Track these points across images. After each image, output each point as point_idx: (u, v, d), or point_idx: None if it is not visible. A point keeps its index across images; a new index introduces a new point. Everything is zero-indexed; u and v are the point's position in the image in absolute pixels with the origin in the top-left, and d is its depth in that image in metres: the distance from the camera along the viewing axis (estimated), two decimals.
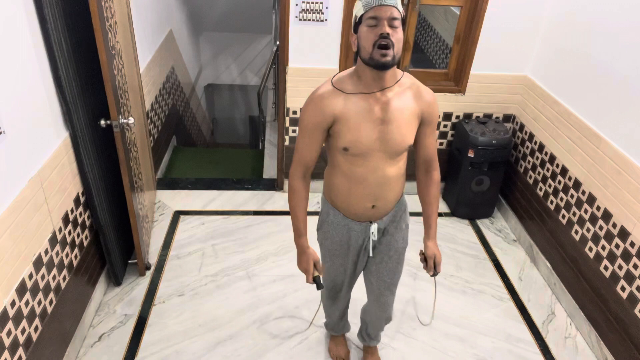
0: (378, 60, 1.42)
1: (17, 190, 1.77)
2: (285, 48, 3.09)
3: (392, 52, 1.41)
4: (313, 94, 1.58)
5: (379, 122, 1.55)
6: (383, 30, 1.40)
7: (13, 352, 1.74)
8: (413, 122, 1.60)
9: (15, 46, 1.77)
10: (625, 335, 2.28)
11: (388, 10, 1.41)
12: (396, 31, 1.42)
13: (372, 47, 1.42)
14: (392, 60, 1.43)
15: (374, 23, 1.41)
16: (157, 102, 3.83)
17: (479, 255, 3.14)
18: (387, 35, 1.40)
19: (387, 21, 1.41)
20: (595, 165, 2.53)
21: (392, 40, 1.40)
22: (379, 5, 1.41)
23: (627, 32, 2.34)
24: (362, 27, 1.45)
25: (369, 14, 1.42)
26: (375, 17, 1.40)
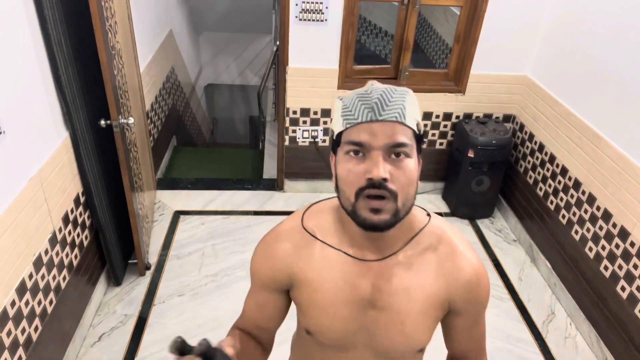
0: (365, 219, 0.81)
1: (17, 190, 1.77)
2: (285, 48, 3.09)
3: (394, 205, 0.80)
4: (272, 230, 1.02)
5: (366, 305, 0.93)
6: (374, 171, 0.78)
7: (13, 352, 1.74)
8: (430, 313, 0.94)
9: (16, 46, 1.77)
10: (625, 335, 2.28)
11: (385, 130, 0.79)
12: (402, 165, 0.80)
13: (355, 196, 0.81)
14: (392, 219, 0.82)
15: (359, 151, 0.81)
16: (157, 102, 3.83)
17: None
18: (382, 183, 0.78)
19: (384, 151, 0.79)
20: (595, 165, 2.53)
21: (391, 189, 0.79)
22: (368, 121, 0.80)
23: (627, 32, 2.34)
24: (340, 152, 0.84)
25: (352, 134, 0.81)
26: (362, 143, 0.80)
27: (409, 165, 0.81)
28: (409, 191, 0.82)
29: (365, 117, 0.80)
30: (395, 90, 0.83)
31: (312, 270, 0.95)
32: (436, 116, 3.40)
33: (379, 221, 0.81)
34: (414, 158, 0.83)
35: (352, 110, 0.82)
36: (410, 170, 0.81)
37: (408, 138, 0.81)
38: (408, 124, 0.81)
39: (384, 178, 0.78)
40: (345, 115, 0.83)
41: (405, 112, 0.81)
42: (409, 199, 0.83)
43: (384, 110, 0.80)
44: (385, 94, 0.81)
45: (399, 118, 0.80)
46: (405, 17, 3.09)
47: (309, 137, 3.41)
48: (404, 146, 0.80)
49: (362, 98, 0.82)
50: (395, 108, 0.80)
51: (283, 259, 0.96)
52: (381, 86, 0.84)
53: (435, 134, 3.47)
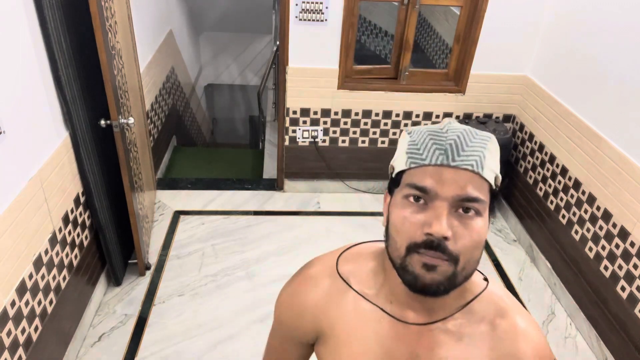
0: (417, 276, 0.69)
1: (17, 190, 1.77)
2: (285, 48, 3.09)
3: (452, 268, 0.68)
4: (302, 271, 0.90)
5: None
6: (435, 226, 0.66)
7: (13, 352, 1.74)
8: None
9: (15, 46, 1.77)
10: (625, 335, 2.28)
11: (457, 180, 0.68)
12: (471, 224, 0.68)
13: (406, 249, 0.70)
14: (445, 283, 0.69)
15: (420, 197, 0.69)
16: (157, 102, 3.83)
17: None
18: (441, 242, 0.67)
19: (451, 203, 0.68)
20: (595, 165, 2.53)
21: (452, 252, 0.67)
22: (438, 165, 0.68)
23: (627, 32, 2.34)
24: (398, 195, 0.73)
25: (416, 177, 0.69)
26: (426, 189, 0.68)
27: (478, 225, 0.68)
28: (473, 255, 0.69)
29: (436, 160, 0.68)
30: (477, 135, 0.71)
31: (342, 324, 0.81)
32: (436, 116, 3.40)
33: (431, 282, 0.68)
34: (485, 217, 0.70)
35: (420, 149, 0.70)
36: (479, 231, 0.68)
37: (483, 193, 0.69)
38: (485, 176, 0.69)
39: (445, 236, 0.66)
40: (411, 153, 0.70)
41: (484, 162, 0.69)
42: (471, 264, 0.70)
43: (459, 156, 0.68)
44: (463, 136, 0.69)
45: (476, 167, 0.68)
46: (405, 17, 3.09)
47: (309, 137, 3.41)
48: (476, 201, 0.68)
49: (435, 136, 0.70)
50: (474, 155, 0.68)
51: (310, 309, 0.84)
52: (459, 126, 0.72)
53: None
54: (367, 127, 3.41)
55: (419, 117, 3.39)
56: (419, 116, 3.39)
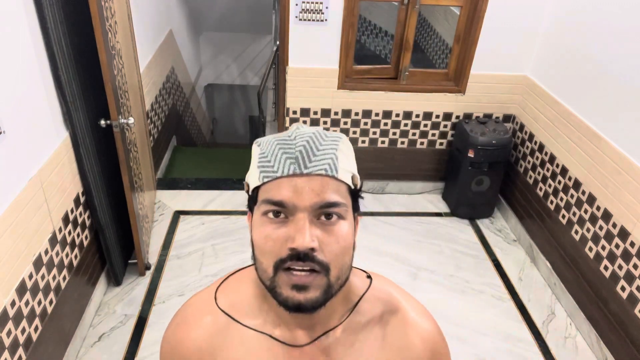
0: (287, 298, 0.66)
1: (17, 190, 1.77)
2: (285, 48, 3.09)
3: (325, 280, 0.66)
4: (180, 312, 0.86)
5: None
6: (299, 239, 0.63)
7: (13, 352, 1.74)
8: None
9: (15, 46, 1.77)
10: (625, 335, 2.28)
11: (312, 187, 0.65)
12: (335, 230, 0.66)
13: (274, 269, 0.66)
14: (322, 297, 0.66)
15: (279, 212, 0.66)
16: (157, 102, 3.83)
17: (479, 255, 3.14)
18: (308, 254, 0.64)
19: (311, 213, 0.65)
20: (595, 165, 2.53)
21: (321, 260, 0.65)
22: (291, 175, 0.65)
23: (627, 32, 2.34)
24: (256, 213, 0.69)
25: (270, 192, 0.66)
26: (283, 203, 0.65)
27: (343, 230, 0.66)
28: (344, 261, 0.67)
29: (288, 170, 0.65)
30: (326, 137, 0.68)
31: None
32: (436, 116, 3.40)
33: (305, 301, 0.65)
34: (349, 219, 0.68)
35: (271, 161, 0.66)
36: (344, 236, 0.66)
37: (341, 196, 0.66)
38: (341, 177, 0.66)
39: (311, 248, 0.63)
40: (262, 166, 0.67)
41: (337, 164, 0.66)
42: (343, 271, 0.68)
43: (311, 162, 0.65)
44: (312, 141, 0.67)
45: (329, 171, 0.65)
46: (405, 17, 3.09)
47: None
48: (336, 206, 0.65)
49: (284, 145, 0.67)
50: (325, 159, 0.66)
51: (193, 352, 0.78)
52: (308, 130, 0.69)
53: (435, 134, 3.47)
54: (367, 127, 3.41)
55: (419, 117, 3.39)
56: (419, 116, 3.39)
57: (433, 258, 3.06)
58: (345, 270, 0.68)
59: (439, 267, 2.99)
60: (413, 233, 3.26)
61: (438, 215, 3.49)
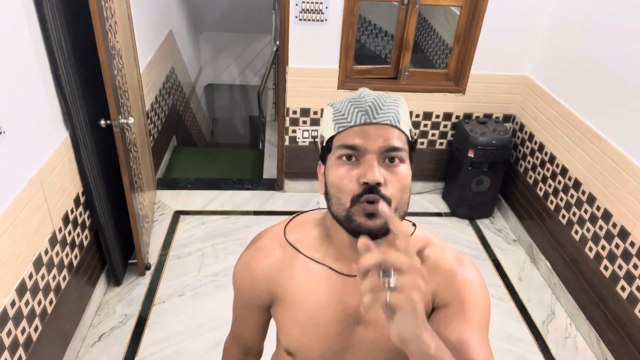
0: (360, 224, 0.77)
1: (17, 190, 1.77)
2: (285, 48, 3.09)
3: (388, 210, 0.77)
4: (253, 243, 0.97)
5: (352, 322, 0.88)
6: (369, 175, 0.75)
7: (13, 352, 1.74)
8: None
9: (15, 46, 1.77)
10: (625, 335, 2.28)
11: (380, 134, 0.78)
12: (397, 171, 0.78)
13: (351, 202, 0.77)
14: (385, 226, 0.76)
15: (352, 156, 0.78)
16: (157, 102, 3.83)
17: (479, 255, 3.14)
18: (376, 188, 0.76)
19: (378, 155, 0.77)
20: (595, 165, 2.53)
21: (385, 195, 0.76)
22: (362, 124, 0.78)
23: (627, 32, 2.34)
24: (331, 158, 0.81)
25: (345, 138, 0.79)
26: (355, 147, 0.78)
27: (403, 171, 0.79)
28: (403, 197, 0.80)
29: (359, 120, 0.79)
30: (388, 96, 0.83)
31: (294, 287, 0.90)
32: (436, 116, 3.40)
33: (374, 226, 0.76)
34: (408, 164, 0.81)
35: (345, 114, 0.80)
36: (404, 176, 0.79)
37: (402, 143, 0.80)
38: (402, 128, 0.80)
39: (378, 182, 0.76)
40: (337, 120, 0.81)
41: (399, 117, 0.80)
42: (402, 205, 0.80)
43: (378, 114, 0.79)
44: (378, 99, 0.81)
45: (393, 122, 0.79)
46: (405, 17, 3.09)
47: (309, 137, 3.41)
48: (398, 150, 0.78)
49: (355, 102, 0.81)
50: (390, 112, 0.80)
51: (263, 276, 0.92)
52: (373, 92, 0.83)
53: (435, 134, 3.47)
54: None
55: (419, 117, 3.40)
56: (419, 116, 3.39)
57: None
58: (403, 204, 0.80)
59: None
60: None
61: (438, 215, 3.49)
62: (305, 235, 0.92)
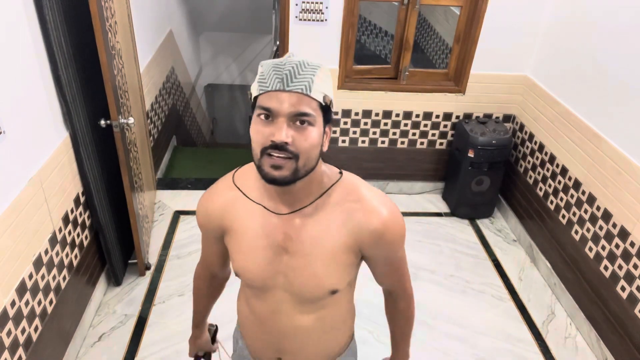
0: (267, 173, 0.92)
1: (17, 190, 1.77)
2: (285, 48, 3.09)
3: (294, 164, 0.91)
4: (209, 189, 1.18)
5: (281, 251, 1.07)
6: (277, 135, 0.88)
7: (13, 352, 1.74)
8: (340, 258, 1.05)
9: (15, 46, 1.77)
10: (625, 335, 2.28)
11: (291, 100, 0.89)
12: (305, 132, 0.90)
13: (260, 152, 0.91)
14: (290, 176, 0.92)
15: (268, 115, 0.91)
16: (157, 102, 3.83)
17: (479, 255, 3.14)
18: (283, 145, 0.89)
19: (289, 118, 0.89)
20: (595, 165, 2.53)
21: (292, 150, 0.90)
22: (277, 90, 0.89)
23: (628, 32, 2.34)
24: (254, 115, 0.94)
25: (262, 101, 0.91)
26: (270, 109, 0.89)
27: (312, 133, 0.91)
28: (310, 154, 0.93)
29: (275, 87, 0.90)
30: (308, 65, 0.92)
31: (238, 221, 1.09)
32: (436, 116, 3.40)
33: (278, 176, 0.92)
34: (318, 127, 0.93)
35: (266, 79, 0.91)
36: (312, 137, 0.91)
37: (312, 109, 0.91)
38: (313, 96, 0.90)
39: (285, 142, 0.89)
40: (260, 82, 0.92)
41: (312, 86, 0.90)
42: (309, 160, 0.93)
43: (292, 82, 0.89)
44: (296, 68, 0.91)
45: (304, 90, 0.90)
46: (405, 17, 3.09)
47: None
48: (306, 115, 0.90)
49: (276, 68, 0.91)
50: (303, 81, 0.90)
51: (215, 213, 1.12)
52: (296, 59, 0.92)
53: (435, 134, 3.47)
54: (367, 127, 3.41)
55: (419, 117, 3.40)
56: (419, 116, 3.39)
57: (433, 258, 3.07)
58: (311, 160, 0.94)
59: (439, 267, 2.99)
60: (413, 233, 3.26)
61: (438, 215, 3.49)
62: (248, 180, 1.09)
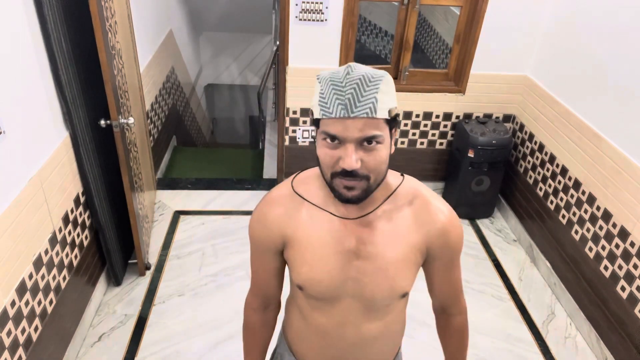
0: (340, 194, 0.93)
1: (17, 190, 1.77)
2: (285, 48, 3.09)
3: (366, 184, 0.92)
4: (265, 197, 1.10)
5: (352, 256, 1.03)
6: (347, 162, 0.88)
7: (13, 352, 1.74)
8: (410, 259, 1.04)
9: (16, 46, 1.77)
10: (625, 335, 2.28)
11: (356, 125, 0.87)
12: (374, 152, 0.89)
13: (330, 176, 0.93)
14: (363, 194, 0.93)
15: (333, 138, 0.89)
16: (157, 102, 3.83)
17: (479, 255, 3.14)
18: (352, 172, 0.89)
19: (356, 143, 0.88)
20: (595, 165, 2.53)
21: (363, 174, 0.90)
22: (341, 117, 0.87)
23: (627, 32, 2.34)
24: (318, 136, 0.93)
25: (326, 126, 0.89)
26: (335, 136, 0.88)
27: (380, 151, 0.90)
28: (380, 170, 0.93)
29: (339, 114, 0.87)
30: (370, 81, 0.88)
31: (302, 230, 1.04)
32: (436, 116, 3.40)
33: (351, 197, 0.93)
34: (386, 142, 0.91)
35: (327, 103, 0.88)
36: (380, 156, 0.90)
37: (379, 129, 0.88)
38: (379, 116, 0.87)
39: (354, 169, 0.88)
40: (321, 105, 0.89)
41: (376, 106, 0.87)
42: (379, 175, 0.94)
43: (356, 107, 0.86)
44: (358, 89, 0.87)
45: (370, 114, 0.86)
46: (405, 17, 3.09)
47: (309, 137, 3.41)
48: (374, 137, 0.88)
49: (337, 91, 0.88)
50: (367, 103, 0.86)
51: (275, 222, 1.06)
52: (357, 76, 0.88)
53: (435, 134, 3.47)
54: None
55: (419, 117, 3.40)
56: (419, 116, 3.39)
57: None
58: (380, 176, 0.94)
59: None
60: None
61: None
62: (310, 186, 1.06)
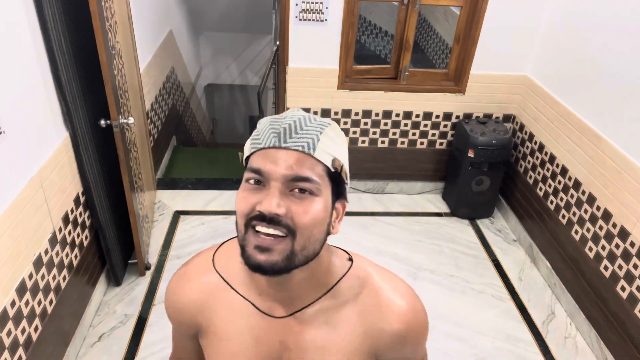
0: (249, 256, 0.70)
1: (17, 190, 1.77)
2: (285, 48, 3.09)
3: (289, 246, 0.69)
4: (181, 269, 0.91)
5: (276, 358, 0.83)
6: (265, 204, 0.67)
7: (13, 352, 1.74)
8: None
9: (15, 46, 1.77)
10: (625, 335, 2.28)
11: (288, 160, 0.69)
12: (305, 203, 0.69)
13: (245, 226, 0.70)
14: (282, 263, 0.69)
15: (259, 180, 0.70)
16: (157, 102, 3.83)
17: (479, 255, 3.14)
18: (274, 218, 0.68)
19: (284, 184, 0.69)
20: (595, 165, 2.53)
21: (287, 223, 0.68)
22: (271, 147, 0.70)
23: (627, 32, 2.34)
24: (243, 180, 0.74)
25: (253, 161, 0.72)
26: (260, 171, 0.70)
27: (314, 205, 0.69)
28: (312, 233, 0.70)
29: (269, 143, 0.70)
30: (314, 120, 0.73)
31: (218, 319, 0.84)
32: (436, 116, 3.40)
33: (264, 262, 0.68)
34: (324, 198, 0.70)
35: (260, 135, 0.72)
36: (315, 210, 0.69)
37: (316, 174, 0.69)
38: (317, 157, 0.69)
39: (275, 213, 0.67)
40: (253, 140, 0.73)
41: (316, 144, 0.70)
42: (311, 242, 0.70)
43: (291, 138, 0.70)
44: (299, 122, 0.72)
45: (306, 149, 0.69)
46: (405, 17, 3.09)
47: None
48: (307, 181, 0.68)
49: (274, 122, 0.73)
50: (306, 137, 0.70)
51: (188, 307, 0.87)
52: (301, 114, 0.74)
53: (435, 134, 3.47)
54: (367, 127, 3.41)
55: (419, 117, 3.40)
56: (419, 116, 3.39)
57: (433, 258, 3.07)
58: (313, 242, 0.71)
59: (439, 267, 2.99)
60: (413, 233, 3.26)
61: (438, 215, 3.49)
62: (233, 263, 0.83)
